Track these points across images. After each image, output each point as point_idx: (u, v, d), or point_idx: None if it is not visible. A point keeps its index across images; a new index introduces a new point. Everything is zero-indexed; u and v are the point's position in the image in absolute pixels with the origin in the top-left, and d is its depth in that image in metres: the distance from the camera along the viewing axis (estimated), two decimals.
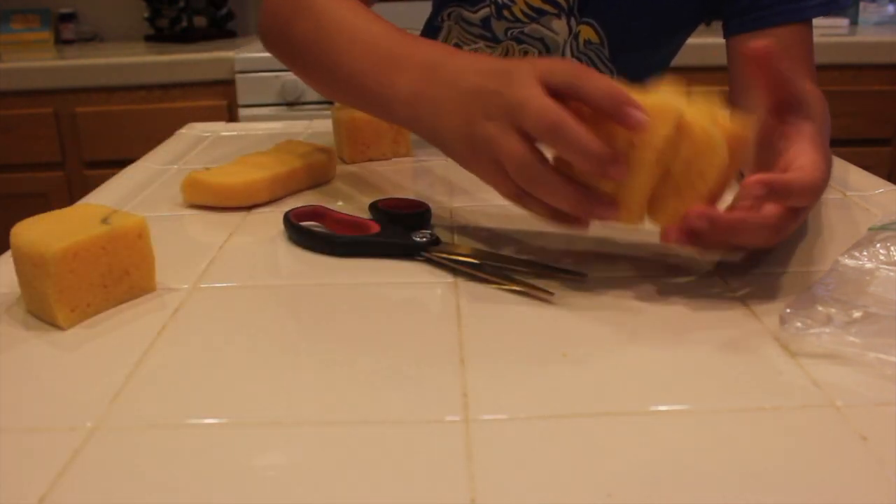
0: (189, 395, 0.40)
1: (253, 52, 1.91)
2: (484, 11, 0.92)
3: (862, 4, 2.22)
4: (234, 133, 1.02)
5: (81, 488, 0.33)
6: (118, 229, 0.49)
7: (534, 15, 0.89)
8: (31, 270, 0.47)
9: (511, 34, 0.92)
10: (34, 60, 1.96)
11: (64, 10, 2.38)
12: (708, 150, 0.47)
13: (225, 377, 0.42)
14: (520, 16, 0.90)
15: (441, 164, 0.81)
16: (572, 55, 0.91)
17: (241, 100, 1.90)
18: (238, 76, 1.88)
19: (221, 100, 1.92)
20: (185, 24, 2.29)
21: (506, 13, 0.90)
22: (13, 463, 0.35)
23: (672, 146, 0.48)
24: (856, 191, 0.70)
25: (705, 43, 1.27)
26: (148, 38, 2.38)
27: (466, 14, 0.94)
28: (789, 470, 0.33)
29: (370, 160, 0.85)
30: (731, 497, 0.32)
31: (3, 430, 0.37)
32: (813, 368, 0.41)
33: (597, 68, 0.92)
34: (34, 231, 0.48)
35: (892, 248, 0.50)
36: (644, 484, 0.33)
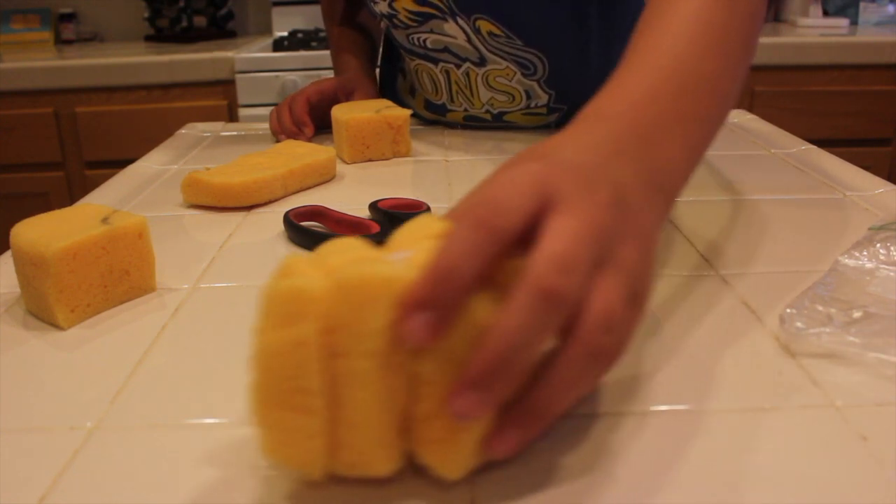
0: (189, 395, 0.40)
1: (253, 52, 1.91)
2: (384, 24, 0.94)
3: (862, 4, 2.22)
4: (234, 133, 1.02)
5: (81, 488, 0.33)
6: (118, 229, 0.49)
7: (418, 18, 0.89)
8: (31, 270, 0.47)
9: (415, 41, 0.93)
10: (34, 60, 1.96)
11: (64, 10, 2.39)
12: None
13: (225, 377, 0.42)
14: (407, 21, 0.90)
15: (441, 164, 0.81)
16: (490, 53, 0.89)
17: (241, 100, 1.90)
18: (238, 76, 1.88)
19: (221, 100, 1.92)
20: (185, 24, 2.30)
21: (396, 21, 0.91)
22: (13, 463, 0.35)
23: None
24: (856, 191, 0.70)
25: None
26: (148, 38, 2.38)
27: (393, 33, 0.95)
28: (789, 470, 0.33)
29: (370, 160, 0.85)
30: (731, 497, 0.32)
31: (3, 430, 0.37)
32: (813, 368, 0.41)
33: (518, 60, 0.89)
34: (34, 231, 0.48)
35: (892, 248, 0.50)
36: (643, 483, 0.33)
